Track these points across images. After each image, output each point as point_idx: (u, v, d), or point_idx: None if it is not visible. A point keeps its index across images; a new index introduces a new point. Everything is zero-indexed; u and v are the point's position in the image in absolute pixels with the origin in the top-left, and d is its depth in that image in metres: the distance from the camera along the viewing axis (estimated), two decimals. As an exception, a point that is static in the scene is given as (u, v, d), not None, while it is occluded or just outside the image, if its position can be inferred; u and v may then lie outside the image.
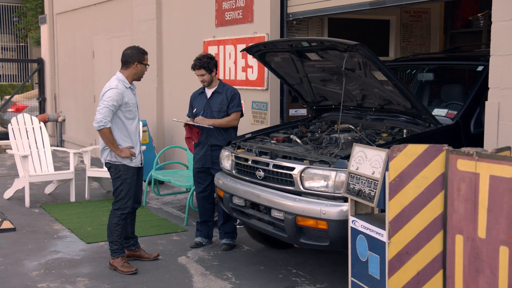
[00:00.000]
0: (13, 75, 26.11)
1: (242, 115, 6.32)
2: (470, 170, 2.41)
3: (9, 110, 16.09)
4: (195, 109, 6.32)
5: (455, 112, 5.30)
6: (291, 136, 5.61)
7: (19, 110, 15.89)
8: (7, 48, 30.64)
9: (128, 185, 5.56)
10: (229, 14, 7.97)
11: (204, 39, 8.51)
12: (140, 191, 5.86)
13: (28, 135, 8.73)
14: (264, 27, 7.33)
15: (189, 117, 6.40)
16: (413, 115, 5.26)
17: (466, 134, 5.16)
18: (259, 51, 5.80)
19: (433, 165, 2.59)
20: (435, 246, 2.64)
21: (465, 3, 9.13)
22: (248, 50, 5.87)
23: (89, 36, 12.59)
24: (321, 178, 4.71)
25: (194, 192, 6.82)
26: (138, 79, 5.67)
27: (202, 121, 6.11)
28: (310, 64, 5.58)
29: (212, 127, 6.10)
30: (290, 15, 7.22)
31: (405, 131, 5.20)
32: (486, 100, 4.62)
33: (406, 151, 2.65)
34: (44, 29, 15.28)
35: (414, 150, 2.63)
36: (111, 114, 5.40)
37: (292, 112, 7.63)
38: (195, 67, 6.15)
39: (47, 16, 14.84)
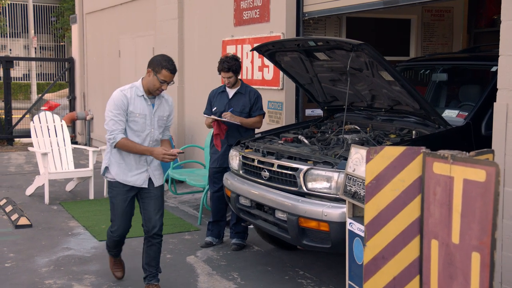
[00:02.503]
0: (51, 73, 26.66)
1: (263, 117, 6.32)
2: (445, 173, 2.33)
3: (42, 108, 16.36)
4: (215, 108, 6.28)
5: (466, 113, 5.18)
6: (299, 136, 5.56)
7: (51, 108, 16.15)
8: (45, 47, 31.33)
9: (115, 206, 4.86)
10: (247, 13, 7.94)
11: (223, 39, 8.50)
12: (155, 215, 4.86)
13: (49, 133, 8.86)
14: (280, 26, 7.29)
15: (207, 115, 6.34)
16: (422, 116, 5.16)
17: (477, 136, 5.04)
18: (269, 50, 5.76)
19: (410, 167, 2.52)
20: (412, 251, 2.56)
21: (490, 2, 8.91)
22: (258, 49, 5.83)
23: (116, 36, 12.72)
24: (323, 179, 4.65)
25: (208, 192, 6.85)
26: (150, 92, 4.73)
27: (231, 118, 6.08)
28: (319, 64, 5.53)
29: (239, 123, 6.09)
30: (306, 14, 7.16)
31: (414, 132, 5.11)
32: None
33: (383, 153, 2.58)
34: (74, 29, 15.51)
35: (391, 152, 2.56)
36: (120, 123, 4.66)
37: (308, 112, 7.57)
38: (223, 69, 6.07)
39: (78, 15, 15.06)
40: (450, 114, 5.33)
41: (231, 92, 6.24)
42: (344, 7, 6.51)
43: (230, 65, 6.06)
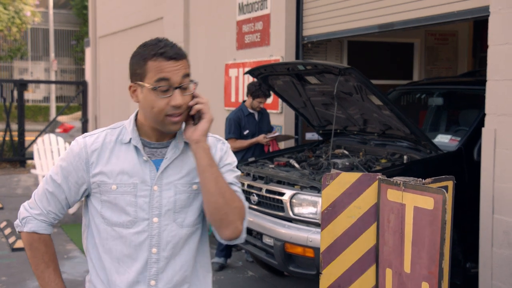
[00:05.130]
0: (70, 96, 27.03)
1: None
2: (398, 200, 2.26)
3: (57, 130, 16.53)
4: (247, 131, 6.32)
5: (459, 138, 5.09)
6: (290, 160, 5.50)
7: (66, 130, 16.31)
8: (66, 70, 31.81)
9: None
10: (248, 37, 7.96)
11: (226, 62, 8.52)
12: None
13: (53, 155, 8.91)
14: (279, 50, 7.28)
15: (236, 139, 6.31)
16: (413, 141, 5.09)
17: (469, 161, 4.94)
18: (261, 74, 5.74)
19: (366, 194, 2.45)
20: (368, 280, 2.48)
21: (495, 26, 8.80)
22: (251, 73, 5.82)
23: (126, 59, 12.74)
24: (310, 204, 4.59)
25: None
26: (158, 129, 2.10)
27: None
28: (311, 87, 5.49)
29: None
30: (305, 38, 7.15)
31: (405, 157, 5.04)
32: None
33: (339, 179, 2.53)
34: (88, 52, 15.71)
35: (347, 179, 2.50)
36: (49, 200, 2.15)
37: (309, 135, 7.52)
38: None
39: (91, 39, 15.25)
40: (443, 139, 5.25)
41: (256, 113, 6.39)
42: (341, 31, 6.49)
43: (268, 92, 6.26)
